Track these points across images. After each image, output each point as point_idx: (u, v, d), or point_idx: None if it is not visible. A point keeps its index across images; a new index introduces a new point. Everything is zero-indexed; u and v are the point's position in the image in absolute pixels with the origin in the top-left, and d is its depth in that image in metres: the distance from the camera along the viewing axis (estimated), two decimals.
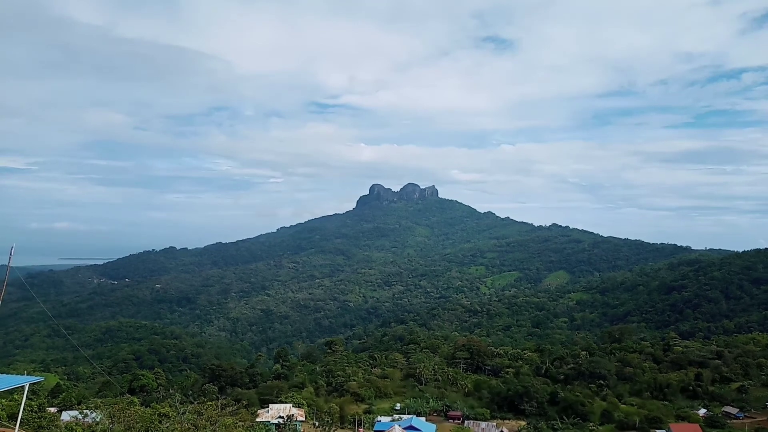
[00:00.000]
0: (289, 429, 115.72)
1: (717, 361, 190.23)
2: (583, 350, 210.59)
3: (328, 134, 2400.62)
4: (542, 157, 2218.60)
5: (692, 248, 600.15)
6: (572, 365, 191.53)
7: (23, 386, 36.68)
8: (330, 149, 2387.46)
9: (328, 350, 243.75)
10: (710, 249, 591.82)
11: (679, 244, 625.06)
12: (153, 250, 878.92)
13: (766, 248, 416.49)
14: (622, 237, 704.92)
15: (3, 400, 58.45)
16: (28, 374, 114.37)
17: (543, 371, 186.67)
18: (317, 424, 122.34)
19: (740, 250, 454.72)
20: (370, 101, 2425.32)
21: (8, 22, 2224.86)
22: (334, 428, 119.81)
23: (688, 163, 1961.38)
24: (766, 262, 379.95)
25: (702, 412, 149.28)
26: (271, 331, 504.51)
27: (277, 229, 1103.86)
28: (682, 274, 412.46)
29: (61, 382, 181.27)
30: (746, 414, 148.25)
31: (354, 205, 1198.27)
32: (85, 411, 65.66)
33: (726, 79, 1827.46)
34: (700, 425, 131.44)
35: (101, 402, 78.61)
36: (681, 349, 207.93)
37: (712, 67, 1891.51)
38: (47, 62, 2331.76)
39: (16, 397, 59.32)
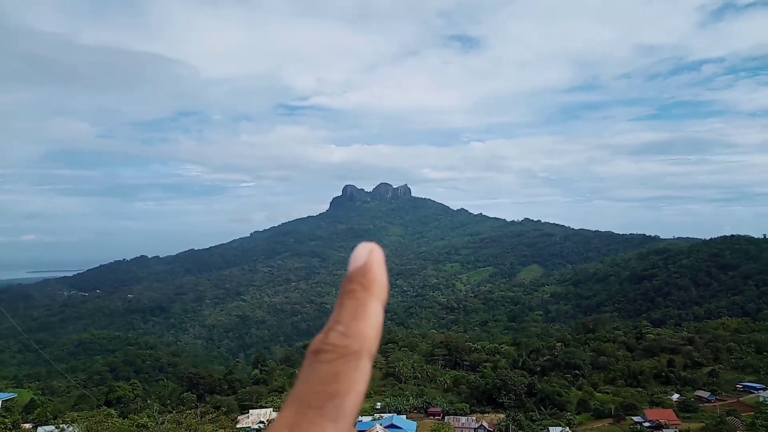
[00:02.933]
0: None
1: (688, 346, 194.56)
2: (558, 342, 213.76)
3: (298, 136, 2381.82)
4: (512, 153, 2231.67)
5: (661, 237, 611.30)
6: (548, 357, 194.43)
7: None
8: (301, 151, 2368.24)
9: None
10: (678, 237, 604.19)
11: (648, 234, 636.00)
12: (124, 259, 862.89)
13: (732, 235, 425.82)
14: (593, 229, 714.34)
15: None
16: None
17: (520, 364, 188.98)
18: None
19: (707, 237, 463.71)
20: (340, 102, 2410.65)
21: None
22: None
23: (654, 154, 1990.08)
24: (732, 249, 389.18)
25: (675, 397, 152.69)
26: (248, 337, 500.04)
27: (251, 234, 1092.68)
28: (651, 263, 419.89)
29: (35, 397, 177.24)
30: (717, 397, 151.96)
31: (327, 206, 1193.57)
32: (61, 425, 64.98)
33: (687, 70, 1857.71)
34: (673, 410, 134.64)
35: (77, 415, 77.57)
36: (653, 336, 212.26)
37: (673, 60, 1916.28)
38: (7, 73, 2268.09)
39: None
